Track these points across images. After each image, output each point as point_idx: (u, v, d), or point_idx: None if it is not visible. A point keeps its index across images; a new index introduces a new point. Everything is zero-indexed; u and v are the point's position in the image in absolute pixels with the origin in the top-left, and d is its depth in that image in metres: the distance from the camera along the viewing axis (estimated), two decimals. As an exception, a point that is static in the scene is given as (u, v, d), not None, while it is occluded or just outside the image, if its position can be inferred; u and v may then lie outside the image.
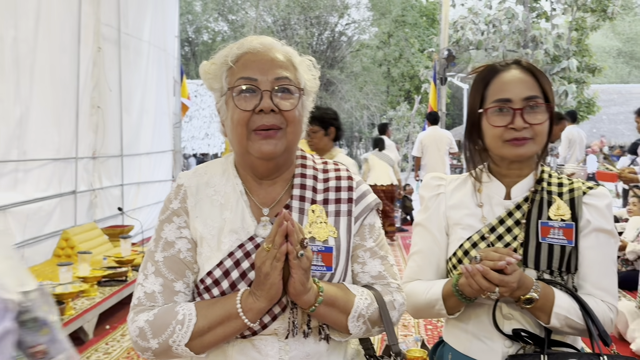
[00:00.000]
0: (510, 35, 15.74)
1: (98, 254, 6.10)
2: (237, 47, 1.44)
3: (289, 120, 1.41)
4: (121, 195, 8.16)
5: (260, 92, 1.38)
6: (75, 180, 6.77)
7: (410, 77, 30.48)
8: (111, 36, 7.64)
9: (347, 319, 1.41)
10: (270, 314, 1.36)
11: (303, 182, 1.49)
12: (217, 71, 1.46)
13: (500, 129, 1.63)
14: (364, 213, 1.51)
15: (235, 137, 1.43)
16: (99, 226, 7.02)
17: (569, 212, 1.66)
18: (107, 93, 7.45)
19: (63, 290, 4.64)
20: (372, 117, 29.38)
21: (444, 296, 1.64)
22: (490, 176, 1.75)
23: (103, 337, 4.91)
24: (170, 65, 9.90)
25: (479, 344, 1.66)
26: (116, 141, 7.96)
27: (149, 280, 1.41)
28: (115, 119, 7.85)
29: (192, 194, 1.46)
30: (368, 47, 30.99)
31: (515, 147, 1.63)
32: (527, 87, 1.63)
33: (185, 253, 1.43)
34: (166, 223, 1.45)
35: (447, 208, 1.76)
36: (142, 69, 8.76)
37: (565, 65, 15.48)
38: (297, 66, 1.46)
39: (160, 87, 9.52)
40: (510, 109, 1.62)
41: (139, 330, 1.35)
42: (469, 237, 1.68)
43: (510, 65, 1.69)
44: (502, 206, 1.70)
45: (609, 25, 25.10)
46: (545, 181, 1.72)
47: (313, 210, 1.45)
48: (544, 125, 1.63)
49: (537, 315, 1.60)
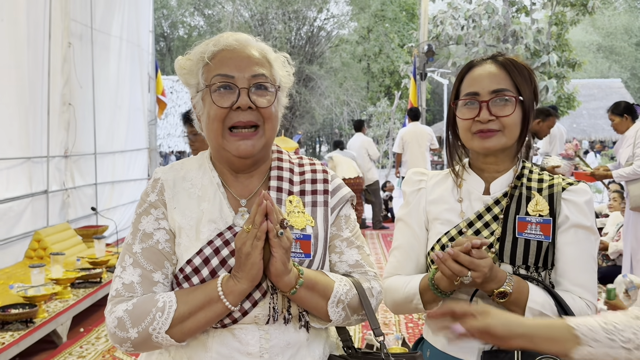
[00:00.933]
0: (490, 30, 15.88)
1: (71, 255, 6.05)
2: (213, 43, 1.48)
3: (266, 117, 1.46)
4: (95, 194, 8.09)
5: (238, 89, 1.43)
6: (47, 180, 6.69)
7: (390, 72, 30.59)
8: (82, 32, 7.56)
9: (327, 304, 1.44)
10: (251, 299, 1.39)
11: (280, 174, 1.55)
12: (193, 67, 1.49)
13: (468, 121, 1.69)
14: (340, 204, 1.58)
15: (211, 132, 1.47)
16: (72, 226, 6.95)
17: (547, 208, 1.68)
18: (78, 90, 7.37)
19: (35, 292, 4.60)
20: (352, 113, 29.40)
21: (421, 290, 1.67)
22: (470, 171, 1.78)
23: (77, 340, 4.87)
24: (144, 61, 9.83)
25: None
26: (89, 139, 7.88)
27: (127, 271, 1.42)
28: (87, 116, 7.77)
29: (169, 187, 1.50)
30: (347, 42, 31.00)
31: (482, 139, 1.68)
32: (495, 81, 1.67)
33: (163, 244, 1.45)
34: (144, 215, 1.47)
35: (427, 203, 1.80)
36: (114, 64, 8.68)
37: (545, 60, 15.64)
38: (272, 62, 1.51)
39: (134, 83, 9.45)
40: (477, 101, 1.67)
41: (118, 321, 1.35)
42: (447, 232, 1.72)
43: (486, 60, 1.74)
44: (481, 201, 1.73)
45: (588, 19, 25.44)
46: (525, 177, 1.75)
47: (290, 201, 1.50)
48: (512, 117, 1.66)
49: (511, 310, 1.59)
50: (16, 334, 4.12)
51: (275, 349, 1.42)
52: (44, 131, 6.58)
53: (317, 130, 34.10)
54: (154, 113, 10.44)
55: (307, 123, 29.20)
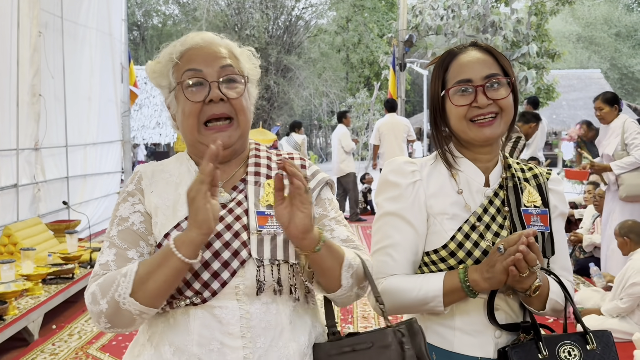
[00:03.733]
0: (469, 21, 15.98)
1: (42, 250, 6.01)
2: (180, 43, 1.56)
3: (238, 109, 1.52)
4: (67, 188, 8.02)
5: (208, 84, 1.49)
6: (17, 173, 6.63)
7: (369, 63, 30.64)
8: (52, 20, 7.47)
9: (341, 267, 1.45)
10: (229, 269, 1.42)
11: (257, 161, 1.62)
12: (163, 69, 1.56)
13: (464, 107, 1.65)
14: (319, 186, 1.63)
15: (186, 128, 1.53)
16: (43, 221, 6.89)
17: (539, 198, 1.73)
18: (49, 80, 7.29)
19: (5, 289, 4.57)
20: (332, 105, 29.43)
21: (446, 292, 1.61)
22: (465, 160, 1.74)
23: (49, 338, 4.85)
24: (116, 51, 9.74)
25: (468, 339, 1.66)
26: (60, 131, 7.81)
27: (104, 253, 1.47)
28: (58, 107, 7.70)
29: (147, 177, 1.58)
30: (326, 32, 30.96)
31: (482, 127, 1.65)
32: (486, 66, 1.67)
33: (138, 225, 1.51)
34: (121, 204, 1.55)
35: (427, 197, 1.71)
36: (86, 54, 8.60)
37: (524, 50, 15.78)
38: (238, 57, 1.58)
39: (106, 73, 9.37)
40: (473, 87, 1.64)
41: (92, 296, 1.40)
42: (460, 228, 1.66)
43: (468, 47, 1.73)
44: (482, 193, 1.71)
45: (568, 9, 25.73)
46: (512, 167, 1.77)
47: (269, 184, 1.56)
48: (508, 99, 1.66)
49: (531, 303, 1.64)
50: (-14, 331, 4.09)
51: (257, 329, 1.43)
52: (12, 123, 6.51)
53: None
54: (128, 104, 10.36)
55: (285, 114, 29.14)
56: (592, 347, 1.60)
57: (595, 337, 1.63)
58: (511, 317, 1.69)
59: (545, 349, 1.58)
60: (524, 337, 1.63)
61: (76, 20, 8.25)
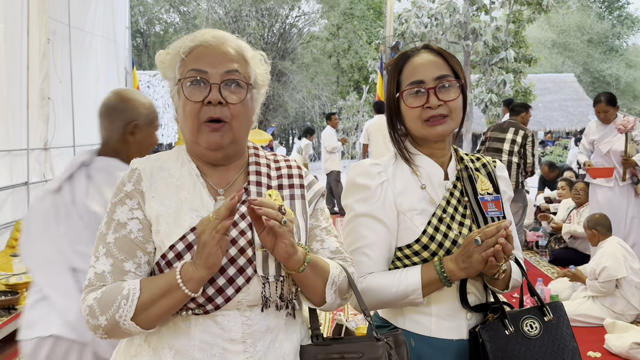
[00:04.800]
0: (451, 28, 16.00)
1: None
2: (190, 39, 1.45)
3: (234, 114, 1.43)
4: (74, 185, 7.99)
5: (210, 85, 1.41)
6: (28, 172, 6.60)
7: (358, 68, 30.66)
8: (60, 28, 7.44)
9: (325, 285, 1.42)
10: (234, 286, 1.35)
11: (258, 169, 1.52)
12: (171, 61, 1.47)
13: (418, 109, 1.65)
14: (315, 197, 1.57)
15: (186, 128, 1.45)
16: (53, 217, 6.86)
17: (491, 186, 1.77)
18: (57, 84, 7.26)
19: (17, 280, 4.56)
20: (323, 107, 29.42)
21: (424, 284, 1.62)
22: (423, 157, 1.74)
23: None
24: (120, 56, 9.70)
25: (444, 323, 1.68)
26: (68, 132, 7.79)
27: (100, 261, 1.38)
28: (66, 110, 7.68)
29: (146, 176, 1.45)
30: (318, 39, 30.97)
31: (434, 126, 1.66)
32: (437, 68, 1.66)
33: (136, 233, 1.40)
34: (118, 205, 1.42)
35: (395, 195, 1.70)
36: (92, 60, 8.57)
37: (503, 56, 15.84)
38: (248, 60, 1.48)
39: (111, 77, 9.33)
40: (424, 89, 1.64)
41: (89, 309, 1.33)
42: (429, 222, 1.66)
43: (420, 50, 1.72)
44: (442, 186, 1.72)
45: (544, 17, 25.80)
46: (464, 159, 1.79)
47: (270, 195, 1.46)
48: (457, 101, 1.67)
49: (496, 284, 1.68)
50: (-1, 320, 4.09)
51: (257, 334, 1.39)
52: (23, 125, 6.48)
53: (290, 122, 34.07)
54: (131, 107, 10.31)
55: (280, 116, 29.17)
56: (549, 318, 1.65)
57: (551, 308, 1.68)
58: (478, 298, 1.72)
59: (511, 325, 1.61)
60: (491, 317, 1.66)
61: (83, 28, 8.21)
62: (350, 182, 1.75)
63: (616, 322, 4.40)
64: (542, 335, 1.62)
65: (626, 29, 39.72)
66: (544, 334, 1.62)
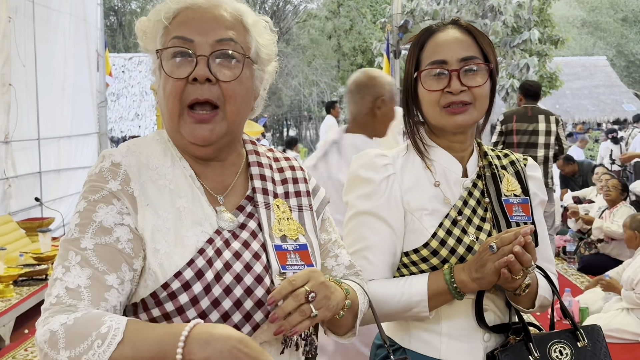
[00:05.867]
0: (467, 5, 15.98)
1: (14, 250, 5.98)
2: (176, 1, 1.30)
3: (227, 95, 1.28)
4: (39, 184, 7.98)
5: (196, 57, 1.26)
6: (-15, 168, 6.59)
7: (362, 50, 30.58)
8: (22, 5, 7.41)
9: (355, 318, 1.40)
10: (252, 322, 1.25)
11: (262, 172, 1.41)
12: (152, 29, 1.32)
13: (436, 93, 1.59)
14: (322, 207, 1.50)
15: (166, 110, 1.30)
16: (15, 219, 6.86)
17: (519, 187, 1.71)
18: (19, 69, 7.24)
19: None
20: (322, 94, 29.40)
21: (431, 296, 1.57)
22: (439, 149, 1.68)
23: (21, 343, 4.84)
24: (92, 37, 9.71)
25: (456, 344, 1.62)
26: (32, 123, 7.77)
27: (72, 272, 1.17)
28: (30, 97, 7.66)
29: (134, 177, 1.27)
30: (316, 18, 30.90)
31: (454, 115, 1.59)
32: (463, 48, 1.60)
33: (124, 243, 1.21)
34: (101, 204, 1.23)
35: (402, 192, 1.64)
36: (59, 41, 8.55)
37: (526, 37, 15.79)
38: (249, 27, 1.34)
39: (81, 61, 9.33)
40: (447, 70, 1.58)
41: (50, 335, 1.10)
42: (441, 224, 1.61)
43: (447, 25, 1.66)
44: (460, 184, 1.67)
45: (572, -7, 25.78)
46: (489, 155, 1.73)
47: (278, 206, 1.38)
48: (483, 87, 1.60)
49: (520, 302, 1.63)
50: (-47, 336, 4.08)
51: None
52: (-19, 115, 6.48)
53: (284, 113, 33.99)
54: (104, 94, 10.31)
55: (273, 105, 29.10)
56: (583, 343, 1.60)
57: (586, 332, 1.62)
58: (499, 317, 1.67)
59: (536, 350, 1.56)
60: (513, 339, 1.61)
61: (48, 5, 8.19)
62: (353, 174, 1.71)
63: (654, 338, 4.40)
64: None
65: (665, 6, 39.68)
66: None
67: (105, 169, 1.26)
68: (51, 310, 1.15)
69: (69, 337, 1.08)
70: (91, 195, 1.24)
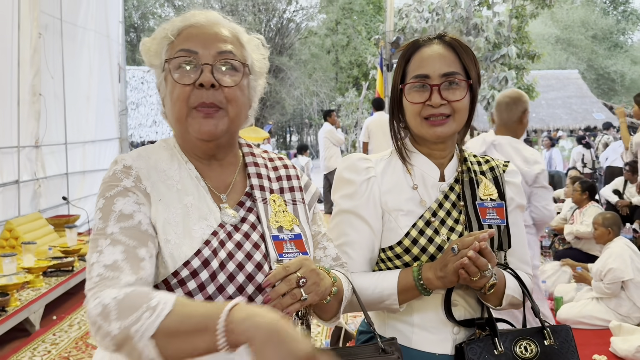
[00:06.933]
0: (453, 23, 15.99)
1: (43, 244, 5.97)
2: (180, 20, 1.35)
3: (230, 99, 1.31)
4: (66, 184, 7.97)
5: (201, 66, 1.29)
6: (18, 170, 6.58)
7: (358, 64, 30.59)
8: (52, 22, 7.41)
9: (340, 304, 1.40)
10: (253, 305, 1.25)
11: (258, 171, 1.44)
12: (157, 46, 1.36)
13: (419, 105, 1.57)
14: (313, 202, 1.51)
15: (174, 115, 1.32)
16: (44, 216, 6.85)
17: (496, 191, 1.68)
18: (48, 80, 7.24)
19: (7, 281, 4.54)
20: (322, 104, 29.40)
21: (400, 290, 1.56)
22: (420, 155, 1.67)
23: (50, 328, 4.82)
24: (114, 52, 9.69)
25: (426, 335, 1.61)
26: (60, 129, 7.76)
27: (106, 252, 1.18)
28: (58, 106, 7.65)
29: (145, 177, 1.30)
30: (316, 35, 30.92)
31: (434, 126, 1.58)
32: (445, 63, 1.57)
33: (146, 226, 1.24)
34: (119, 197, 1.25)
35: (381, 193, 1.63)
36: (84, 55, 8.54)
37: (505, 52, 15.82)
38: (244, 44, 1.38)
39: (104, 73, 9.32)
40: (428, 85, 1.56)
41: (102, 308, 1.09)
42: (414, 224, 1.59)
43: (433, 40, 1.62)
44: (437, 188, 1.64)
45: (547, 13, 25.76)
46: (468, 161, 1.70)
47: (274, 200, 1.40)
48: (462, 101, 1.58)
49: (488, 299, 1.60)
50: (-12, 322, 4.07)
51: None
52: (14, 121, 6.46)
53: (287, 120, 34.00)
54: (125, 103, 10.30)
55: (277, 113, 29.09)
56: (549, 342, 1.56)
57: (554, 332, 1.59)
58: (469, 312, 1.64)
59: (501, 344, 1.53)
60: (479, 333, 1.59)
61: (75, 22, 8.18)
62: (338, 176, 1.70)
63: (622, 324, 4.39)
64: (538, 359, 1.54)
65: (631, 24, 39.74)
66: (540, 359, 1.54)
67: (118, 171, 1.30)
68: (96, 288, 1.15)
69: (121, 309, 1.09)
70: (107, 192, 1.27)
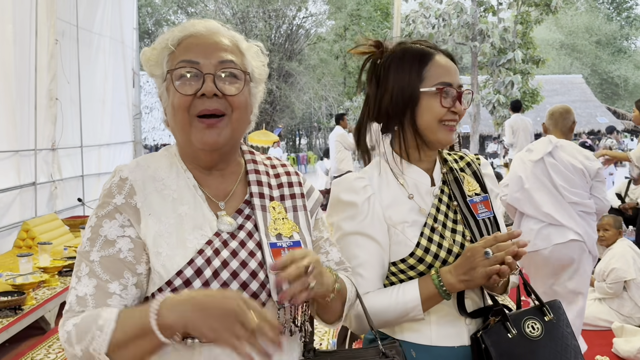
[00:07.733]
0: (459, 29, 15.97)
1: (59, 244, 5.99)
2: (179, 30, 1.32)
3: (235, 106, 1.28)
4: (82, 186, 8.01)
5: (203, 76, 1.26)
6: (35, 172, 6.62)
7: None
8: (68, 29, 7.47)
9: (343, 305, 1.39)
10: None
11: (259, 178, 1.40)
12: (158, 56, 1.33)
13: (444, 109, 1.57)
14: (316, 207, 1.49)
15: (176, 124, 1.30)
16: (60, 217, 6.89)
17: (478, 186, 1.71)
18: (65, 85, 7.28)
19: (24, 280, 4.56)
20: (330, 108, 29.42)
21: (424, 300, 1.55)
22: (409, 164, 1.66)
23: (65, 326, 4.84)
24: (128, 57, 9.72)
25: (445, 330, 1.61)
26: (76, 132, 7.81)
27: (82, 282, 1.22)
28: (74, 110, 7.70)
29: (139, 189, 1.28)
30: (325, 40, 30.93)
31: (450, 132, 1.60)
32: (457, 75, 1.64)
33: (125, 253, 1.24)
34: (106, 219, 1.26)
35: (383, 209, 1.61)
36: (99, 61, 8.59)
37: (510, 57, 15.80)
38: (244, 52, 1.35)
39: (119, 78, 9.36)
40: (456, 92, 1.59)
41: (67, 335, 1.18)
42: (422, 233, 1.58)
43: (439, 51, 1.64)
44: (430, 193, 1.65)
45: (552, 18, 25.66)
46: (448, 161, 1.73)
47: (274, 207, 1.37)
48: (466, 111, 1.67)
49: (495, 289, 1.65)
50: (5, 320, 4.08)
51: None
52: (31, 125, 6.50)
53: (296, 124, 34.04)
54: (139, 107, 10.35)
55: (287, 117, 29.13)
56: (549, 317, 1.61)
57: (550, 307, 1.64)
58: (475, 302, 1.66)
59: (513, 327, 1.57)
60: (493, 320, 1.60)
61: (91, 29, 8.23)
62: (335, 199, 1.65)
63: (625, 326, 4.35)
64: (544, 336, 1.58)
65: (634, 30, 39.50)
66: (546, 334, 1.58)
67: (114, 185, 1.30)
68: (66, 316, 1.22)
69: (78, 333, 1.16)
70: (100, 210, 1.28)
